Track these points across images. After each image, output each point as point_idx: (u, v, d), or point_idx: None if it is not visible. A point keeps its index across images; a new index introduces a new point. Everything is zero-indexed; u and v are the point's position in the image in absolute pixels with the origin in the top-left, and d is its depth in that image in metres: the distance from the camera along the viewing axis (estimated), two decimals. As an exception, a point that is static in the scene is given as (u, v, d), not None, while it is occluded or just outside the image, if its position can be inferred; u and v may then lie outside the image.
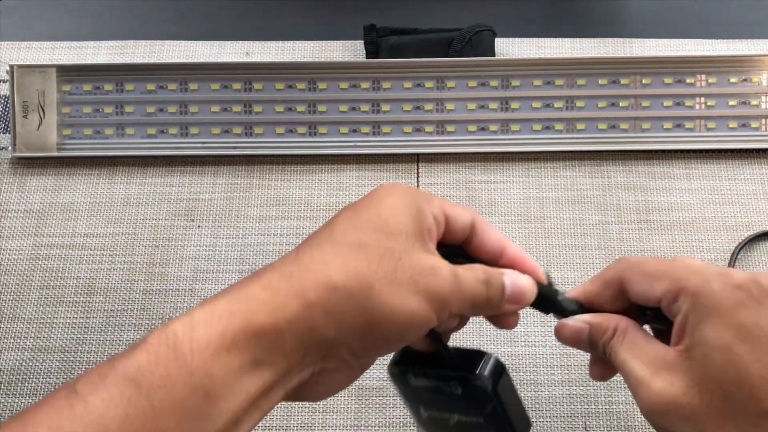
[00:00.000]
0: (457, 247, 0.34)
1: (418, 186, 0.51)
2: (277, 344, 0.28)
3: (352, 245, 0.29)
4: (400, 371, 0.36)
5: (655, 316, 0.33)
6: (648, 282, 0.32)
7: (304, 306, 0.28)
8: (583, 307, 0.35)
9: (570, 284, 0.48)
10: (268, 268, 0.29)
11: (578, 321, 0.34)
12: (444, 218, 0.32)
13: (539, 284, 0.34)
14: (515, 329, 0.47)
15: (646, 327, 0.34)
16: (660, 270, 0.32)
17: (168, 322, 0.27)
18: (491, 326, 0.47)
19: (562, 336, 0.35)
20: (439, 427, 0.37)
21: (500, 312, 0.33)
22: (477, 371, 0.34)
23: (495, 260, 0.33)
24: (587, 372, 0.46)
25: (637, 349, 0.31)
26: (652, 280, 0.32)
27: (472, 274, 0.31)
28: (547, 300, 0.35)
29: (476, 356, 0.35)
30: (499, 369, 0.34)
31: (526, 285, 0.33)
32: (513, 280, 0.33)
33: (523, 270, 0.33)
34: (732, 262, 0.48)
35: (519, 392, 0.37)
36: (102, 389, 0.25)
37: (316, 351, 0.29)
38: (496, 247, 0.33)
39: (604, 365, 0.35)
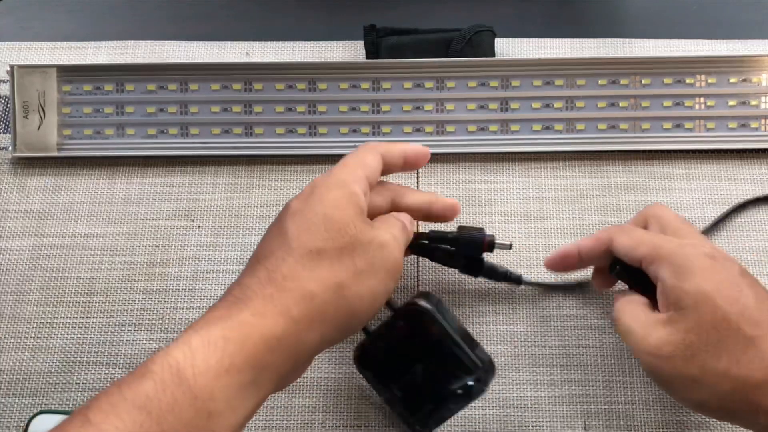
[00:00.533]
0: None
1: (418, 186, 0.51)
2: (270, 361, 0.31)
3: (312, 253, 0.34)
4: (361, 351, 0.42)
5: (622, 270, 0.41)
6: (632, 245, 0.39)
7: (291, 322, 0.32)
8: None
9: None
10: (248, 292, 0.33)
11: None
12: (368, 188, 0.38)
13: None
14: (515, 330, 0.47)
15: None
16: (643, 237, 0.39)
17: (167, 349, 0.30)
18: (490, 328, 0.48)
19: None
20: (414, 395, 0.41)
21: None
22: (413, 302, 0.40)
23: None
24: (587, 372, 0.46)
25: (637, 313, 0.38)
26: (636, 244, 0.39)
27: (398, 230, 0.38)
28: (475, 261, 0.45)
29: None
30: (434, 297, 0.41)
31: (406, 217, 0.41)
32: (406, 218, 0.41)
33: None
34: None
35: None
36: (114, 417, 0.27)
37: (305, 357, 0.34)
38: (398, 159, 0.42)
39: (605, 278, 0.44)
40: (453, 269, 0.47)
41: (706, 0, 0.57)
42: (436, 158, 0.52)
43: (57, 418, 0.44)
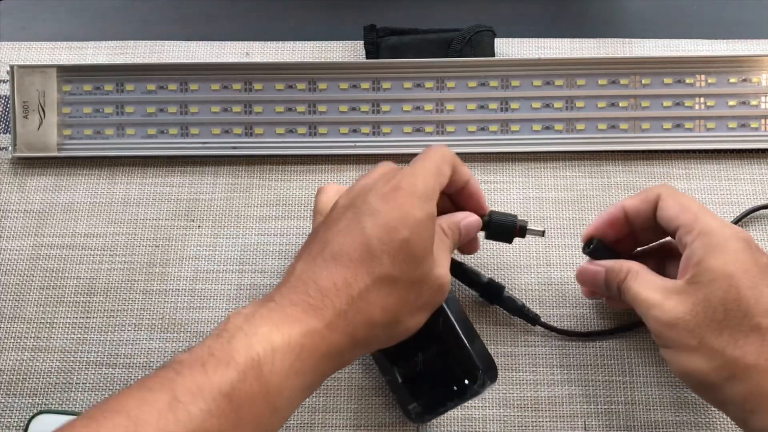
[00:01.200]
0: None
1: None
2: (326, 369, 0.35)
3: (387, 280, 0.35)
4: None
5: (593, 251, 0.42)
6: (677, 210, 0.39)
7: (352, 343, 0.35)
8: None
9: (569, 285, 0.48)
10: (326, 301, 0.34)
11: (596, 265, 0.42)
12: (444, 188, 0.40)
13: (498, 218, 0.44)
14: (515, 332, 0.47)
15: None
16: (687, 204, 0.39)
17: (249, 339, 0.32)
18: (490, 328, 0.48)
19: (582, 278, 0.43)
20: (411, 383, 0.42)
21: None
22: None
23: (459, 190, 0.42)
24: (587, 372, 0.46)
25: (648, 282, 0.39)
26: (680, 210, 0.39)
27: (451, 250, 0.40)
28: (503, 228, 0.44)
29: None
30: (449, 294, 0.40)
31: (474, 221, 0.42)
32: (465, 222, 0.41)
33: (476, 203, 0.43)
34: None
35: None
36: (200, 400, 0.30)
37: (345, 366, 0.36)
38: (462, 182, 0.42)
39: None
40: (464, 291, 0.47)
41: (706, 0, 0.57)
42: (436, 158, 0.52)
43: (57, 418, 0.44)
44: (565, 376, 0.46)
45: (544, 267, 0.49)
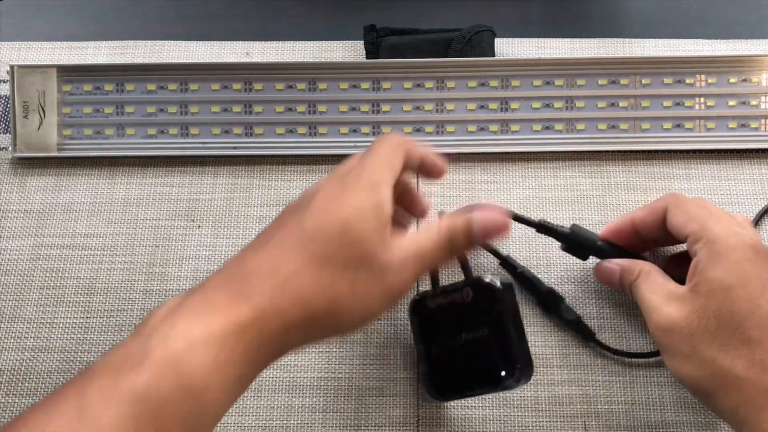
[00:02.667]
0: None
1: (417, 187, 0.51)
2: (262, 359, 0.32)
3: (321, 258, 0.33)
4: (420, 298, 0.43)
5: (570, 248, 0.45)
6: (684, 219, 0.40)
7: (284, 325, 0.32)
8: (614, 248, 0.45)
9: (568, 284, 0.48)
10: (253, 282, 0.32)
11: (612, 263, 0.43)
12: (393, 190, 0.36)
13: (576, 232, 0.45)
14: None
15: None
16: (694, 213, 0.40)
17: (165, 332, 0.30)
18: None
19: (600, 274, 0.44)
20: (445, 359, 0.42)
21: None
22: (489, 277, 0.41)
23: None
24: (587, 372, 0.46)
25: (656, 286, 0.40)
26: (687, 220, 0.40)
27: (425, 250, 0.35)
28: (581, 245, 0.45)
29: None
30: (508, 283, 0.42)
31: (498, 216, 0.37)
32: (483, 216, 0.36)
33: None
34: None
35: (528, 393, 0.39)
36: (113, 404, 0.28)
37: (287, 352, 0.34)
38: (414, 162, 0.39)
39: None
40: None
41: (706, 0, 0.57)
42: (436, 158, 0.52)
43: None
44: (565, 376, 0.46)
45: (545, 267, 0.49)
